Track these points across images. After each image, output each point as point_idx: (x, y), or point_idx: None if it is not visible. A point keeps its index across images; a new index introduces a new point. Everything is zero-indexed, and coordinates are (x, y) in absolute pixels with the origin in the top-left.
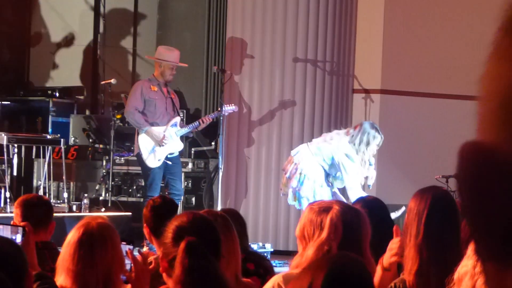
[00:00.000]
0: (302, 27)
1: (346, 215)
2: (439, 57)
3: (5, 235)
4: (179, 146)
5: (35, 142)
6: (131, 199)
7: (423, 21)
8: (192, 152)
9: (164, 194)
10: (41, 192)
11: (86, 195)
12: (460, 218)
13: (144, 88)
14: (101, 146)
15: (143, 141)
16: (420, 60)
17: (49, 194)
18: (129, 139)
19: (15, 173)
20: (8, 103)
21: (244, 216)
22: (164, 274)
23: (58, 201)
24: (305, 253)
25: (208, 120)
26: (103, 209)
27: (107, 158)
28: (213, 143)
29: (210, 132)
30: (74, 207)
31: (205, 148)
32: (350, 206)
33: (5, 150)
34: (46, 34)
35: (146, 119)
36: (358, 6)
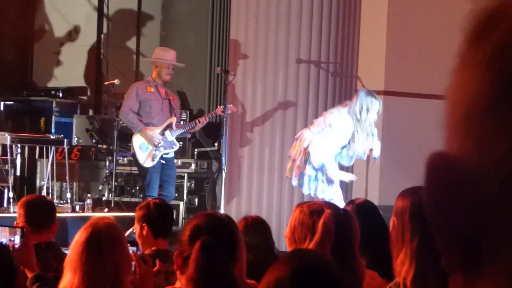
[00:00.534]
0: (305, 28)
1: (338, 218)
2: (443, 58)
3: (3, 237)
4: (175, 147)
5: (38, 142)
6: (134, 199)
7: (426, 22)
8: (195, 153)
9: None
10: (44, 192)
11: (89, 195)
12: None
13: (140, 89)
14: (104, 146)
15: (137, 141)
16: (424, 62)
17: (52, 195)
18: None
19: (18, 173)
20: (12, 103)
21: None
22: (177, 272)
23: (61, 201)
24: None
25: (204, 120)
26: (106, 209)
27: (110, 158)
28: (216, 144)
29: (213, 133)
30: (77, 208)
31: (208, 149)
32: (341, 208)
33: (8, 150)
34: (49, 34)
35: (141, 120)
36: (361, 7)
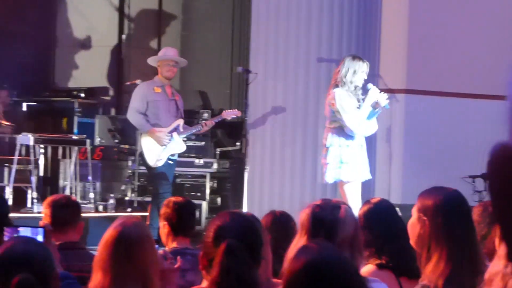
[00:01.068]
0: (326, 27)
1: (319, 213)
2: (465, 56)
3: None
4: (181, 148)
5: (61, 143)
6: None
7: (448, 20)
8: (217, 152)
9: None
10: (67, 192)
11: (112, 195)
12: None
13: (147, 89)
14: (126, 146)
15: (145, 141)
16: (445, 60)
17: (75, 195)
18: None
19: (41, 173)
20: (34, 104)
21: None
22: (203, 272)
23: (84, 201)
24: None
25: (211, 123)
26: (129, 209)
27: (132, 158)
28: (238, 144)
29: (235, 133)
30: (100, 208)
31: (230, 149)
32: (331, 204)
33: (31, 150)
34: (71, 35)
35: (148, 120)
36: (382, 5)
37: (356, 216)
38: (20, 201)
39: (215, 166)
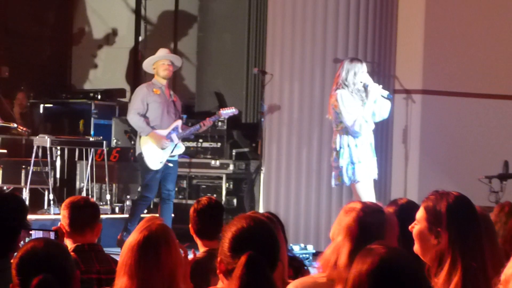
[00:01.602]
0: (342, 28)
1: (365, 217)
2: (481, 56)
3: None
4: (180, 149)
5: (77, 145)
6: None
7: (464, 20)
8: (233, 153)
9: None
10: (83, 194)
11: (128, 196)
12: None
13: (146, 91)
14: None
15: (145, 143)
16: (462, 60)
17: (91, 196)
18: None
19: (58, 175)
20: (51, 106)
21: (285, 218)
22: (221, 275)
23: (101, 203)
24: (336, 251)
25: (209, 123)
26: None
27: None
28: (254, 145)
29: (251, 134)
30: (116, 209)
31: (246, 150)
32: (374, 207)
33: (48, 152)
34: (88, 37)
35: (148, 122)
36: (398, 6)
37: None
38: (37, 202)
39: (231, 168)
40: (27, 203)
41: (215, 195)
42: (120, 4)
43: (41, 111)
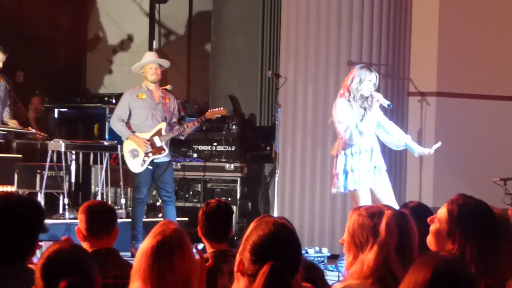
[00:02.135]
0: (356, 30)
1: (399, 219)
2: (495, 58)
3: None
4: (163, 152)
5: (92, 149)
6: (187, 204)
7: (478, 22)
8: (248, 157)
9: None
10: (98, 198)
11: None
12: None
13: (130, 96)
14: None
15: (127, 147)
16: (476, 62)
17: (106, 200)
18: (185, 144)
19: (73, 179)
20: (66, 110)
21: (300, 221)
22: (237, 273)
23: (116, 206)
24: (363, 259)
25: (193, 125)
26: (160, 214)
27: None
28: (268, 148)
29: (265, 137)
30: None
31: (260, 153)
32: (398, 210)
33: (63, 156)
34: (102, 41)
35: (130, 126)
36: (412, 9)
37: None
38: (51, 207)
39: (246, 171)
40: None
41: (229, 199)
42: (135, 8)
43: (56, 115)
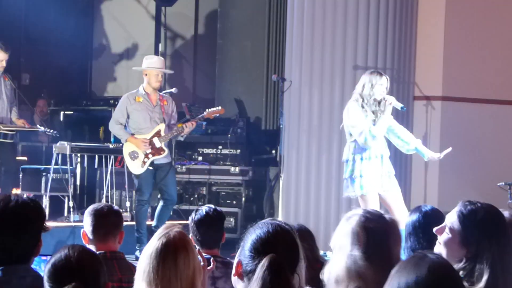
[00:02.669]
0: (362, 34)
1: (369, 222)
2: (501, 62)
3: None
4: (163, 153)
5: (97, 151)
6: (192, 207)
7: (484, 27)
8: (253, 160)
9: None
10: (103, 201)
11: None
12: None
13: (128, 100)
14: None
15: (127, 149)
16: (482, 66)
17: (111, 203)
18: (190, 148)
19: (78, 182)
20: (71, 113)
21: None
22: (234, 278)
23: (121, 209)
24: (335, 263)
25: (191, 125)
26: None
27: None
28: (273, 151)
29: (271, 140)
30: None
31: (265, 156)
32: (376, 213)
33: (68, 159)
34: (108, 45)
35: (129, 129)
36: (418, 13)
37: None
38: (57, 210)
39: (251, 174)
40: (47, 210)
41: (234, 202)
42: (141, 11)
43: (61, 118)
